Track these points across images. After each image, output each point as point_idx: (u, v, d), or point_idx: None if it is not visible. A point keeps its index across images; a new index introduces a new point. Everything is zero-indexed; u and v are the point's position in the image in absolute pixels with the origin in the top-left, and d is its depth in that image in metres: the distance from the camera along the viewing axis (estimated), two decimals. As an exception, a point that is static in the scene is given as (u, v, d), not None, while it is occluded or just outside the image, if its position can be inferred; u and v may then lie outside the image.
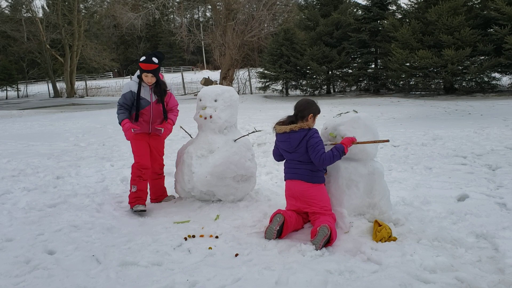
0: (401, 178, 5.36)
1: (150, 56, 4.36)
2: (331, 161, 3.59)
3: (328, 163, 3.62)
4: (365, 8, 20.05)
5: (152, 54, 4.39)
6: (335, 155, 3.58)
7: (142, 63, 4.33)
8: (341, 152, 3.59)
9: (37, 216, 4.38)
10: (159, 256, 3.35)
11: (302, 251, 3.32)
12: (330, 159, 3.58)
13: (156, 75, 4.42)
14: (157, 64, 4.36)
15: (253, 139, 7.21)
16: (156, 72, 4.41)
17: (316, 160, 3.57)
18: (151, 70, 4.35)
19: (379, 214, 3.79)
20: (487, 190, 4.76)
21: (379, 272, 2.98)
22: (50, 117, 15.39)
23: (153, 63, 4.33)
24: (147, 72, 4.35)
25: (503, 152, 6.47)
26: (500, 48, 15.24)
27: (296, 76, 21.50)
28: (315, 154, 3.56)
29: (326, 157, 3.57)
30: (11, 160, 7.29)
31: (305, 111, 3.69)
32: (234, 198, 4.50)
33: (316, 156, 3.56)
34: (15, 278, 3.07)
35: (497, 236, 3.45)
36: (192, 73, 46.53)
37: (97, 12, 38.91)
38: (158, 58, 4.39)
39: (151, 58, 4.35)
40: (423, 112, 12.25)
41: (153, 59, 4.35)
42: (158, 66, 4.38)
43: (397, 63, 17.16)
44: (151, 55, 4.37)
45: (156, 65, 4.35)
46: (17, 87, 34.90)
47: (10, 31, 31.92)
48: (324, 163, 3.60)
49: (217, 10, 25.07)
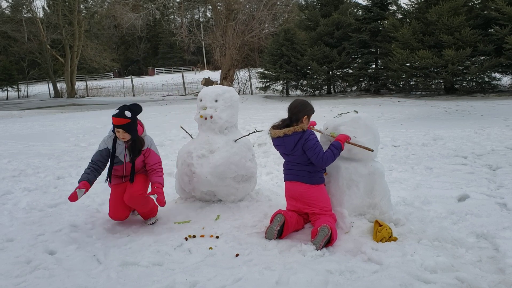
0: (401, 178, 5.36)
1: (123, 109, 3.82)
2: (333, 159, 3.60)
3: (330, 162, 3.63)
4: (366, 8, 20.05)
5: (126, 106, 3.86)
6: (335, 153, 3.60)
7: (113, 117, 3.80)
8: (339, 149, 3.62)
9: (38, 216, 4.39)
10: (160, 256, 3.35)
11: (302, 251, 3.32)
12: (331, 158, 3.59)
13: (130, 130, 3.86)
14: (130, 118, 3.80)
15: (253, 139, 7.21)
16: (130, 128, 3.85)
17: (318, 161, 3.57)
18: (122, 126, 3.80)
19: (380, 214, 3.79)
20: (488, 190, 4.75)
21: (379, 272, 2.98)
22: (51, 118, 15.39)
23: (125, 118, 3.78)
24: (118, 128, 3.82)
25: (503, 152, 6.47)
26: (500, 48, 15.24)
27: (296, 76, 21.50)
28: (315, 156, 3.56)
29: (327, 156, 3.57)
30: (12, 160, 7.29)
31: (299, 114, 3.67)
32: (234, 198, 4.50)
33: (317, 158, 3.56)
34: (16, 278, 3.07)
35: (497, 236, 3.45)
36: (193, 73, 46.56)
37: (97, 13, 38.91)
38: (133, 112, 3.85)
39: (124, 111, 3.80)
40: (423, 112, 12.24)
41: (126, 113, 3.79)
42: (131, 121, 3.81)
43: (397, 63, 17.15)
44: (124, 108, 3.83)
45: (128, 119, 3.79)
46: (17, 88, 34.90)
47: (11, 32, 31.95)
48: (327, 163, 3.61)
49: (218, 10, 25.07)
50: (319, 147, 3.60)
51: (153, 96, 27.48)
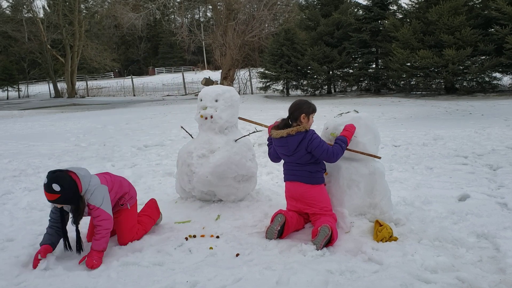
0: (402, 178, 5.35)
1: (51, 181, 3.14)
2: (342, 152, 3.61)
3: (340, 156, 3.62)
4: (366, 8, 20.04)
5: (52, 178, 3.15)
6: (343, 147, 3.62)
7: (44, 191, 3.19)
8: (345, 142, 3.64)
9: (38, 216, 4.39)
10: (160, 256, 3.35)
11: (303, 251, 3.32)
12: (340, 151, 3.60)
13: (65, 202, 3.23)
14: (59, 193, 3.13)
15: (254, 139, 7.21)
16: (63, 200, 3.20)
17: (329, 157, 3.57)
18: (54, 201, 3.19)
19: (380, 214, 3.79)
20: (488, 190, 4.75)
21: (380, 272, 2.98)
22: (51, 117, 15.40)
23: (54, 192, 3.14)
24: (52, 202, 3.23)
25: (504, 152, 6.46)
26: (501, 48, 15.24)
27: (296, 76, 21.50)
28: (324, 153, 3.56)
29: (336, 151, 3.58)
30: (12, 160, 7.30)
31: (295, 112, 3.65)
32: (235, 198, 4.50)
33: (326, 154, 3.56)
34: (16, 278, 3.07)
35: (498, 236, 3.44)
36: (193, 73, 46.58)
37: (98, 12, 38.90)
38: (60, 185, 3.14)
39: (51, 185, 3.13)
40: (424, 112, 12.24)
41: (53, 187, 3.13)
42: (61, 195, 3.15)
43: (398, 63, 17.15)
44: (51, 180, 3.14)
45: (57, 194, 3.14)
46: (18, 87, 34.90)
47: (11, 32, 31.95)
48: (337, 157, 3.60)
49: (218, 10, 25.08)
50: (325, 144, 3.60)
51: (153, 96, 27.48)
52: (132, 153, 7.80)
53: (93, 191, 3.31)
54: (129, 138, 9.42)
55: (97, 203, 3.31)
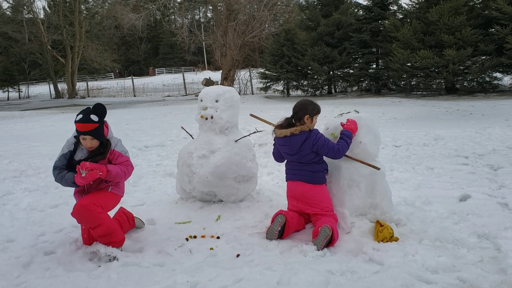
0: (402, 178, 5.35)
1: (88, 113, 3.34)
2: (347, 148, 3.64)
3: (346, 151, 3.65)
4: (366, 8, 20.04)
5: (90, 109, 3.37)
6: (348, 142, 3.64)
7: (77, 123, 3.32)
8: (350, 137, 3.66)
9: (39, 216, 4.39)
10: (161, 257, 3.35)
11: (303, 252, 3.32)
12: (346, 147, 3.63)
13: (98, 136, 3.39)
14: (97, 122, 3.34)
15: (254, 139, 7.21)
16: (98, 133, 3.37)
17: (335, 154, 3.60)
18: (89, 132, 3.32)
19: (381, 214, 3.78)
20: (489, 190, 4.74)
21: (381, 272, 2.97)
22: (52, 118, 15.40)
23: (91, 122, 3.31)
24: (85, 134, 3.34)
25: (504, 152, 6.46)
26: (501, 48, 15.22)
27: (297, 76, 21.49)
28: (331, 151, 3.59)
29: (342, 147, 3.60)
30: (13, 161, 7.29)
31: (300, 113, 3.66)
32: (235, 199, 4.50)
33: (333, 152, 3.59)
34: (17, 279, 3.07)
35: (499, 236, 3.44)
36: (193, 74, 46.54)
37: (98, 13, 38.87)
38: (99, 115, 3.37)
39: (89, 115, 3.32)
40: (424, 112, 12.23)
41: (92, 117, 3.32)
42: (98, 126, 3.35)
43: (398, 63, 17.14)
44: (89, 112, 3.35)
45: (95, 124, 3.32)
46: (18, 88, 34.91)
47: (12, 32, 31.98)
48: (344, 152, 3.63)
49: (218, 11, 25.07)
50: (330, 142, 3.63)
51: (153, 97, 27.48)
52: (133, 153, 7.79)
53: (117, 142, 3.56)
54: (130, 139, 9.42)
55: (122, 152, 3.54)
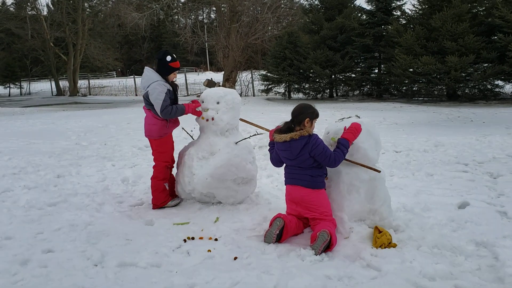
0: (402, 184, 5.35)
1: (173, 54, 4.46)
2: (343, 157, 3.63)
3: (341, 161, 3.64)
4: (370, 13, 20.05)
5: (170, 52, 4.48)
6: (344, 152, 3.63)
7: (174, 62, 4.42)
8: (347, 146, 3.64)
9: (37, 214, 4.38)
10: (158, 258, 3.34)
11: (301, 256, 3.31)
12: (342, 157, 3.62)
13: None
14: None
15: (254, 141, 7.21)
16: None
17: (331, 163, 3.59)
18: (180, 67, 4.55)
19: (380, 220, 3.78)
20: (488, 198, 4.74)
21: (378, 278, 2.97)
22: (52, 115, 15.41)
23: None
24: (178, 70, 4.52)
25: (504, 160, 6.45)
26: (503, 56, 15.25)
27: (299, 79, 21.50)
28: (327, 160, 3.57)
29: (338, 156, 3.59)
30: (12, 157, 7.29)
31: (300, 116, 3.66)
32: (234, 201, 4.50)
33: (329, 161, 3.57)
34: (14, 277, 3.07)
35: (497, 244, 3.43)
36: (196, 74, 46.57)
37: (101, 11, 38.88)
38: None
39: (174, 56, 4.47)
40: (425, 118, 12.23)
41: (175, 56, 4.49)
42: None
43: (400, 69, 17.15)
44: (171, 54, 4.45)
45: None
46: (20, 85, 34.94)
47: (15, 29, 31.95)
48: (339, 163, 3.62)
49: (222, 12, 25.10)
50: (328, 150, 3.61)
51: (155, 96, 27.40)
52: (133, 153, 7.79)
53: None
54: (130, 138, 9.42)
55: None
